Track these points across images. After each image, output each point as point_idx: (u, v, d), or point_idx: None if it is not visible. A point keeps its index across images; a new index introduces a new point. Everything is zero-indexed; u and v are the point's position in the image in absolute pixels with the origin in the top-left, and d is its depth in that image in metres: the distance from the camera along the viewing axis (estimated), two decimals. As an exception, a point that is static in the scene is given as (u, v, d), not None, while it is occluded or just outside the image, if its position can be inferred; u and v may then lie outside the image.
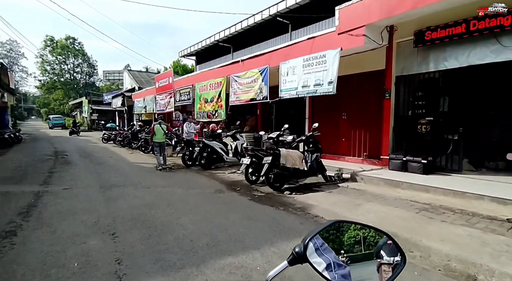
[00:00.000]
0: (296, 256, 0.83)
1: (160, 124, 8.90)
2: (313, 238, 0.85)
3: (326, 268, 0.82)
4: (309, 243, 0.84)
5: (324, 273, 0.81)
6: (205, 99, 11.85)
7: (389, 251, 0.89)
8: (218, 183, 6.85)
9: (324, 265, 0.82)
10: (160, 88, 16.03)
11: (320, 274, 0.81)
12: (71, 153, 12.38)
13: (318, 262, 0.83)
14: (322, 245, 0.86)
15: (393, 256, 0.88)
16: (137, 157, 11.84)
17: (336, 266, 0.83)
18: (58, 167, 8.63)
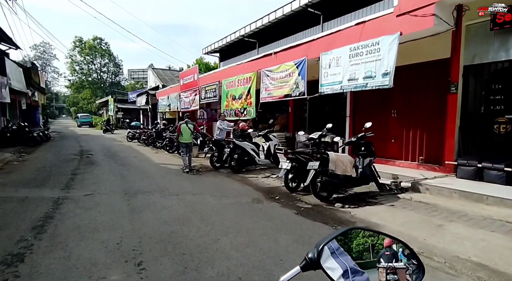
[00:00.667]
0: (309, 261, 0.79)
1: (186, 124, 8.19)
2: (327, 244, 0.80)
3: (343, 275, 0.77)
4: (323, 249, 0.79)
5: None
6: (232, 96, 11.06)
7: (407, 261, 0.83)
8: (253, 190, 6.00)
9: (341, 271, 0.77)
10: (184, 85, 15.47)
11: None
12: (96, 152, 12.05)
13: (333, 268, 0.78)
14: (338, 249, 0.81)
15: (412, 266, 0.82)
16: (162, 157, 11.27)
17: (353, 272, 0.77)
18: (82, 168, 8.16)
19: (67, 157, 10.48)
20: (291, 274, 0.80)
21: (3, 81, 13.44)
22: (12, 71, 15.03)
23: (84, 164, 8.86)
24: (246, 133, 9.11)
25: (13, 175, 7.19)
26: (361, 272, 0.78)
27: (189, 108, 15.10)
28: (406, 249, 0.85)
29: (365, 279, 0.78)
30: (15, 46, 16.40)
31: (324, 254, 0.79)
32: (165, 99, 18.36)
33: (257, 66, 9.69)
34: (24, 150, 12.30)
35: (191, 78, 14.59)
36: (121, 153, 11.94)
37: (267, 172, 7.89)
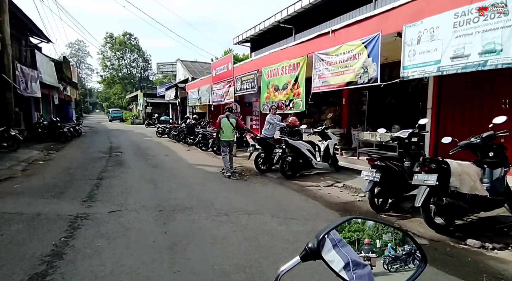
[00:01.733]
0: (309, 251, 0.77)
1: (228, 118, 6.79)
2: (327, 234, 0.78)
3: (344, 267, 0.75)
4: (322, 239, 0.77)
5: (341, 273, 0.74)
6: (275, 87, 9.51)
7: (409, 251, 0.81)
8: (324, 207, 4.47)
9: (342, 263, 0.75)
10: (217, 77, 14.14)
11: (336, 272, 0.74)
12: (125, 149, 11.10)
13: (335, 260, 0.76)
14: (340, 241, 0.79)
15: (413, 256, 0.80)
16: (196, 155, 10.04)
17: (355, 265, 0.75)
18: (110, 170, 7.06)
19: (95, 155, 9.55)
20: (291, 264, 0.78)
21: (34, 75, 12.89)
22: (43, 65, 14.53)
23: (112, 165, 7.79)
24: (295, 130, 7.57)
25: (34, 178, 6.20)
26: (363, 264, 0.76)
27: (222, 101, 13.77)
28: (409, 239, 0.81)
29: (367, 272, 0.75)
30: (47, 39, 15.93)
31: (326, 246, 0.77)
32: (196, 92, 17.21)
33: (308, 49, 8.03)
34: (54, 146, 11.66)
35: (224, 69, 13.21)
36: (151, 151, 10.88)
37: (327, 178, 6.31)
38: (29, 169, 7.19)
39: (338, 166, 6.88)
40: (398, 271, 0.79)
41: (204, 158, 9.53)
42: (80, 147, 11.88)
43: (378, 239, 0.82)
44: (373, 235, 0.83)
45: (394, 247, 0.81)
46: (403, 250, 0.81)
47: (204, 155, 10.14)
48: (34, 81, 12.78)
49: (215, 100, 14.38)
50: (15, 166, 7.18)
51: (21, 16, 11.72)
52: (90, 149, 11.00)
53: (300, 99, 8.31)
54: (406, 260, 0.80)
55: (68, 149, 11.19)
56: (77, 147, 11.70)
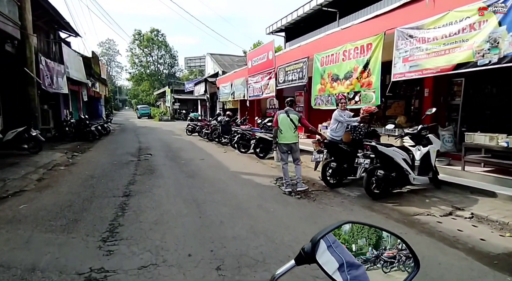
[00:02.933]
0: (304, 255, 0.75)
1: (288, 114, 5.08)
2: (322, 238, 0.76)
3: (339, 268, 0.74)
4: (318, 243, 0.75)
5: (335, 276, 0.72)
6: (332, 76, 7.67)
7: (402, 255, 0.80)
8: (479, 264, 2.66)
9: (337, 265, 0.74)
10: (253, 68, 12.49)
11: (329, 276, 0.72)
12: (155, 150, 9.80)
13: (329, 261, 0.74)
14: (335, 242, 0.77)
15: (407, 259, 0.79)
16: (236, 159, 8.49)
17: (349, 266, 0.74)
18: (138, 181, 5.65)
19: (122, 158, 8.29)
20: (286, 267, 0.77)
21: (60, 70, 11.97)
22: (70, 59, 13.67)
23: (141, 172, 6.41)
24: (371, 131, 5.73)
25: (47, 193, 4.91)
26: (357, 265, 0.76)
27: (260, 96, 12.13)
28: (402, 243, 0.81)
29: (362, 272, 0.75)
30: (75, 33, 15.12)
31: (321, 248, 0.76)
32: (228, 87, 15.70)
33: (386, 24, 6.08)
34: (81, 146, 10.65)
35: (263, 58, 11.52)
36: (184, 153, 9.49)
37: (434, 200, 4.43)
38: (46, 177, 5.97)
39: (439, 181, 4.97)
40: (391, 273, 0.78)
41: (247, 162, 7.95)
42: (107, 147, 10.78)
43: (373, 242, 0.82)
44: (368, 239, 0.83)
45: (388, 250, 0.81)
46: (396, 253, 0.80)
47: (245, 159, 8.57)
48: (60, 77, 11.87)
49: (252, 94, 12.76)
50: (31, 174, 6.00)
51: (45, 5, 10.74)
52: (117, 150, 9.83)
53: (373, 90, 6.42)
54: (399, 264, 0.79)
55: (94, 150, 10.10)
56: (104, 148, 10.61)
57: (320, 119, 10.33)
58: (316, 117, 10.56)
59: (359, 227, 0.84)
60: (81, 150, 9.84)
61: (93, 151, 9.90)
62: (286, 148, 5.05)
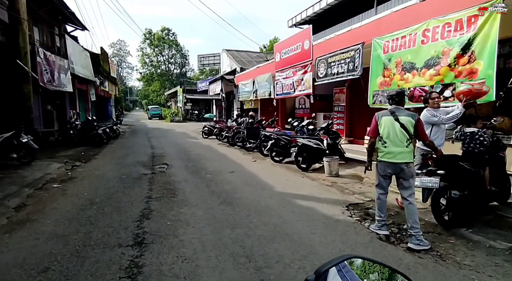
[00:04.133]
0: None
1: (395, 116, 3.19)
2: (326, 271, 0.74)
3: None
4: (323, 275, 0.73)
5: None
6: (404, 66, 5.81)
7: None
8: None
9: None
10: (282, 61, 10.71)
11: None
12: (172, 158, 8.12)
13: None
14: (345, 267, 0.78)
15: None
16: (273, 172, 6.71)
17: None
18: (155, 212, 3.93)
19: (133, 170, 6.62)
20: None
21: (63, 65, 10.44)
22: (76, 54, 12.15)
23: (158, 195, 4.70)
24: (495, 140, 3.87)
25: (21, 235, 3.23)
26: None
27: (291, 94, 10.33)
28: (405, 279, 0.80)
29: None
30: (82, 26, 13.63)
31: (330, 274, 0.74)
32: (249, 84, 13.96)
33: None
34: (85, 152, 9.08)
35: (296, 49, 9.72)
36: (207, 162, 7.76)
37: None
38: (29, 203, 4.31)
39: None
40: None
41: (290, 177, 6.16)
42: (115, 154, 9.16)
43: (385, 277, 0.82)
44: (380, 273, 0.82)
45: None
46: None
47: (284, 171, 6.78)
48: (63, 72, 10.34)
49: (280, 92, 10.97)
50: (10, 198, 4.36)
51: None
52: (127, 158, 8.18)
53: (480, 81, 4.53)
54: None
55: (100, 157, 8.47)
56: (112, 155, 8.98)
57: (366, 124, 8.41)
58: (362, 120, 8.70)
59: (364, 263, 0.83)
60: (85, 157, 8.24)
61: (99, 158, 8.28)
62: (391, 169, 3.16)
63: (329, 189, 5.21)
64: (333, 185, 5.40)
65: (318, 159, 6.87)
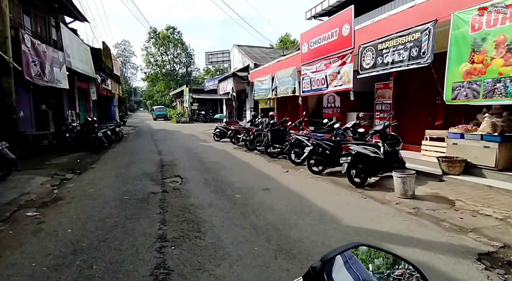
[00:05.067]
0: (312, 272, 0.69)
1: None
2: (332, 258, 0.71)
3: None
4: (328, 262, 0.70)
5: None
6: (510, 46, 4.20)
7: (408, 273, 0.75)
8: None
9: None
10: (311, 53, 9.11)
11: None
12: (185, 168, 6.56)
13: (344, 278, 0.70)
14: (351, 258, 0.74)
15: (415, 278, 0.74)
16: (321, 189, 5.09)
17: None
18: (174, 269, 2.38)
19: (138, 186, 5.07)
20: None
21: (57, 57, 8.94)
22: (73, 47, 10.66)
23: (175, 231, 3.14)
24: None
25: None
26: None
27: (322, 90, 8.72)
28: (415, 271, 0.75)
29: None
30: (81, 16, 12.16)
31: (337, 263, 0.72)
32: (267, 81, 12.37)
33: None
34: (82, 160, 7.57)
35: (331, 37, 8.11)
36: (230, 174, 6.18)
37: None
38: (-21, 252, 2.76)
39: None
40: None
41: (349, 198, 4.54)
42: (117, 162, 7.62)
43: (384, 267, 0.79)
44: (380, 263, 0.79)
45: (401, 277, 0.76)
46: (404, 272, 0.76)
47: (332, 187, 5.16)
48: (57, 66, 8.83)
49: (308, 89, 9.37)
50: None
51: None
52: (131, 168, 6.63)
53: None
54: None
55: (99, 167, 6.93)
56: (113, 163, 7.44)
57: (420, 125, 6.79)
58: (414, 120, 7.06)
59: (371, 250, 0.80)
60: (80, 167, 6.72)
61: (97, 168, 6.75)
62: None
63: (418, 220, 3.60)
64: (419, 214, 3.79)
65: (376, 171, 5.27)
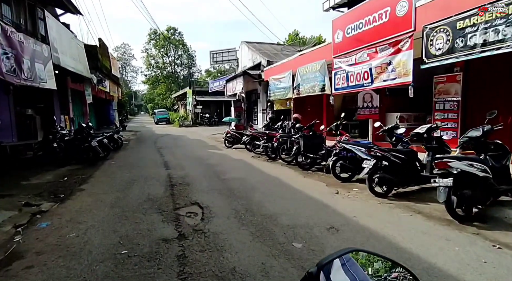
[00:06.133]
0: (308, 277, 0.71)
1: None
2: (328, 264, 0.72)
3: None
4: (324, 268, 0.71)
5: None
6: None
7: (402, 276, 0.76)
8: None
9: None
10: (348, 41, 7.49)
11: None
12: (203, 190, 4.90)
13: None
14: (349, 261, 0.75)
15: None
16: (408, 226, 3.40)
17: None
18: None
19: (142, 228, 3.43)
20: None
21: (39, 51, 7.31)
22: (63, 40, 9.03)
23: None
24: None
25: None
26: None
27: (365, 86, 7.08)
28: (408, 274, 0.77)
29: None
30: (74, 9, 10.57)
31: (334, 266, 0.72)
32: (286, 79, 10.75)
33: None
34: (69, 178, 5.97)
35: (378, 19, 6.47)
36: (264, 197, 4.54)
37: None
38: None
39: None
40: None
41: (465, 248, 2.90)
42: (114, 180, 5.96)
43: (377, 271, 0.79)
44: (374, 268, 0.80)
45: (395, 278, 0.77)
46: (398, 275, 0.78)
47: (424, 222, 3.50)
48: (40, 62, 7.21)
49: (343, 85, 7.73)
50: None
51: None
52: (131, 191, 4.97)
53: None
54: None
55: (88, 191, 5.26)
56: (108, 183, 5.78)
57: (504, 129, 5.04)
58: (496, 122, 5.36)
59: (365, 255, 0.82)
60: (65, 189, 5.09)
61: (86, 191, 5.10)
62: None
63: None
64: None
65: (486, 198, 3.64)
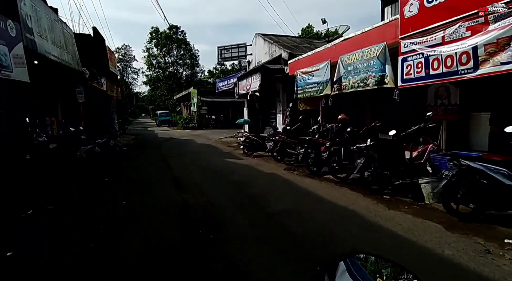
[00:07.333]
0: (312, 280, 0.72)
1: None
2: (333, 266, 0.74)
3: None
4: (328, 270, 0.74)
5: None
6: None
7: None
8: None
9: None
10: (430, 12, 5.37)
11: None
12: (246, 238, 2.84)
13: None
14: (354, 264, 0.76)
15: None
16: None
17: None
18: None
19: None
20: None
21: (4, 28, 5.27)
22: (42, 21, 6.92)
23: None
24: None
25: None
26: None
27: (462, 75, 5.00)
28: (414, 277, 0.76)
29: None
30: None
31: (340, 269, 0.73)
32: (321, 71, 8.67)
33: None
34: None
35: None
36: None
37: None
38: None
39: None
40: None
41: None
42: (101, 218, 3.87)
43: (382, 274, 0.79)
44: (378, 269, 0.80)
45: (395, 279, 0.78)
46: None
47: None
48: (4, 44, 5.14)
49: (418, 75, 5.61)
50: None
51: None
52: (128, 241, 2.90)
53: None
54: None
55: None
56: (95, 221, 3.69)
57: None
58: None
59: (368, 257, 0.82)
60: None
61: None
62: None
63: None
64: None
65: None
